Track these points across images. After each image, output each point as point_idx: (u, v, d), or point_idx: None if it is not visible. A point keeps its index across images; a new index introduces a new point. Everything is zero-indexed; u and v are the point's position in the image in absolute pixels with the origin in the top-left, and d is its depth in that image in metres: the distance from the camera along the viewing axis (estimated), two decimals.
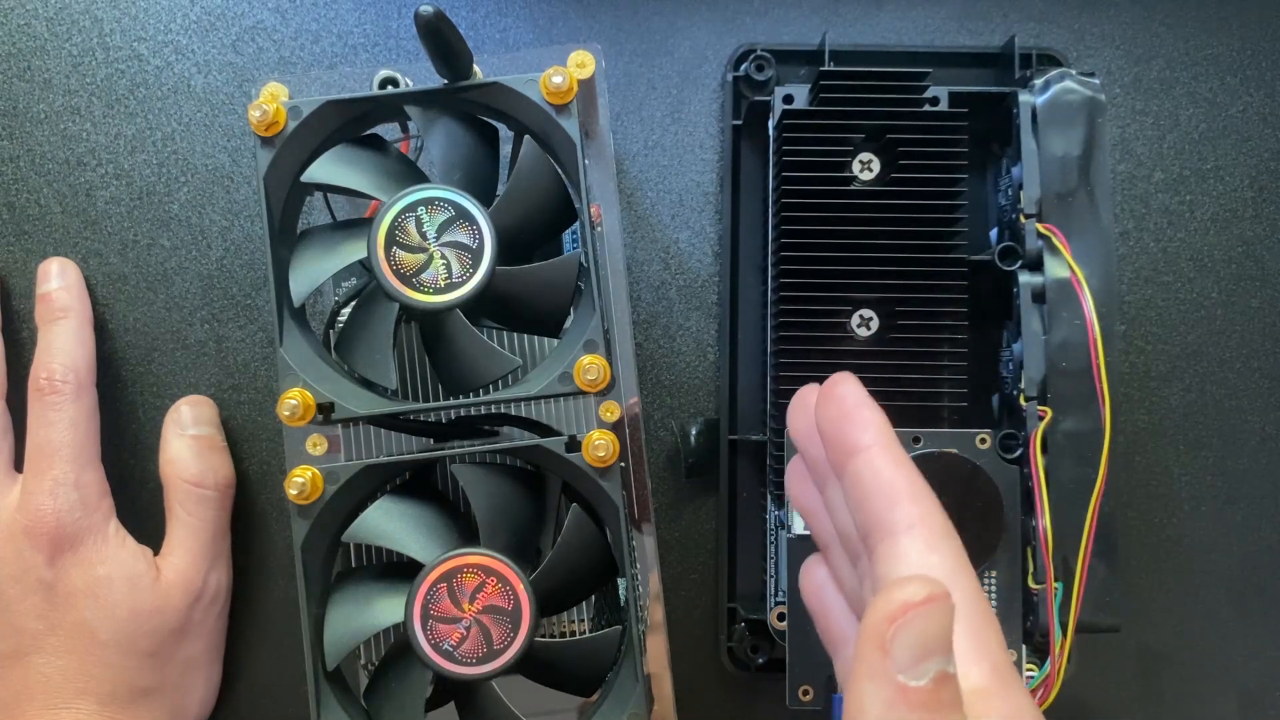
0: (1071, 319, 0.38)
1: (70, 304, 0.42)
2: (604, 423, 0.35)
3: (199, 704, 0.42)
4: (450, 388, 0.36)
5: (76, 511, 0.39)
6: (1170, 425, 0.45)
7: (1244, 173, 0.46)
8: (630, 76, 0.45)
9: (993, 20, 0.46)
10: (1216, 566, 0.45)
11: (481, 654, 0.33)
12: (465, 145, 0.36)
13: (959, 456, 0.38)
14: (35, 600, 0.39)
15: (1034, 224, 0.38)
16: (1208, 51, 0.46)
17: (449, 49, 0.34)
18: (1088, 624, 0.37)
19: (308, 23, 0.45)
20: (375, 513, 0.35)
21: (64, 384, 0.40)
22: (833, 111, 0.39)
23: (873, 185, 0.40)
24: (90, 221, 0.45)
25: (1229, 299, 0.45)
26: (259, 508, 0.44)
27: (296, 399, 0.34)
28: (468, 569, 0.33)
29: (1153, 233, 0.45)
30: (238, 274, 0.45)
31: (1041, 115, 0.39)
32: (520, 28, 0.45)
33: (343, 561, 0.38)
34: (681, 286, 0.45)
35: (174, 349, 0.44)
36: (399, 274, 0.33)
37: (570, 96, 0.34)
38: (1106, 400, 0.37)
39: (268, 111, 0.34)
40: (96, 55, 0.45)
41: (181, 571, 0.40)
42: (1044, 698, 0.37)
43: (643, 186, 0.45)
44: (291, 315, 0.35)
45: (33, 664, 0.38)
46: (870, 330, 0.40)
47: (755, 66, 0.43)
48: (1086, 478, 0.37)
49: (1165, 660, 0.44)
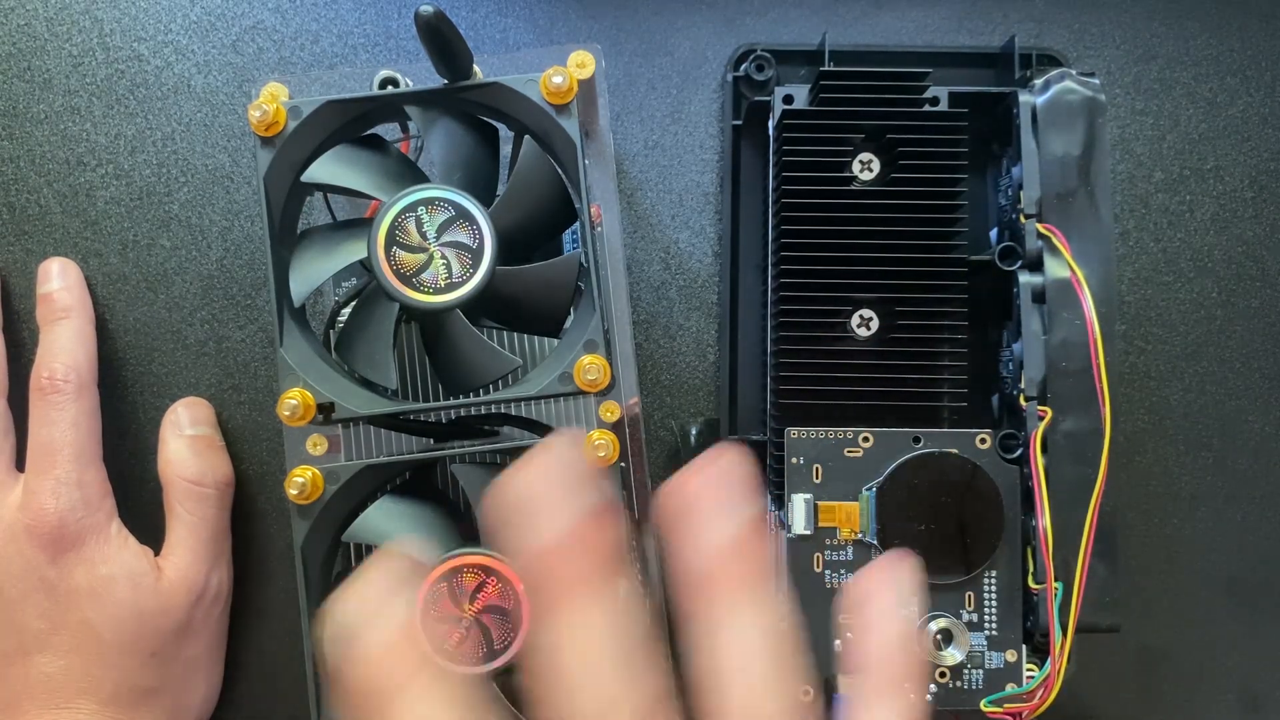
0: (1071, 319, 0.38)
1: (71, 304, 0.42)
2: (604, 423, 0.35)
3: (200, 704, 0.42)
4: (450, 388, 0.36)
5: (79, 511, 0.39)
6: (1170, 425, 0.45)
7: (1244, 173, 0.46)
8: (630, 76, 0.45)
9: (993, 20, 0.46)
10: (1216, 566, 0.45)
11: (481, 654, 0.33)
12: (465, 145, 0.36)
13: (959, 456, 0.38)
14: (37, 600, 0.39)
15: (1034, 224, 0.38)
16: (1208, 51, 0.46)
17: (449, 49, 0.34)
18: (1088, 624, 0.37)
19: (308, 23, 0.45)
20: (375, 513, 0.35)
21: (65, 383, 0.40)
22: (833, 111, 0.39)
23: (873, 185, 0.40)
24: (90, 221, 0.45)
25: (1229, 299, 0.45)
26: (259, 508, 0.44)
27: (296, 399, 0.34)
28: (468, 569, 0.33)
29: (1153, 233, 0.45)
30: (238, 274, 0.45)
31: (1041, 115, 0.39)
32: (520, 28, 0.45)
33: (343, 561, 0.38)
34: (681, 286, 0.45)
35: (174, 349, 0.44)
36: (399, 274, 0.33)
37: (570, 96, 0.34)
38: (1106, 400, 0.37)
39: (268, 111, 0.34)
40: (96, 55, 0.45)
41: (183, 570, 0.40)
42: (1044, 698, 0.37)
43: (643, 186, 0.45)
44: (291, 315, 0.35)
45: (34, 664, 0.38)
46: (870, 330, 0.40)
47: (755, 66, 0.43)
48: (1086, 478, 0.37)
49: (1165, 660, 0.44)
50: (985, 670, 0.38)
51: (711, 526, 0.22)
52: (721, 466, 0.23)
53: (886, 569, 0.25)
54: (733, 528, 0.22)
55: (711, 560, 0.22)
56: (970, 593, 0.38)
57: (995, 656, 0.38)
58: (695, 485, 0.22)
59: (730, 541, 0.22)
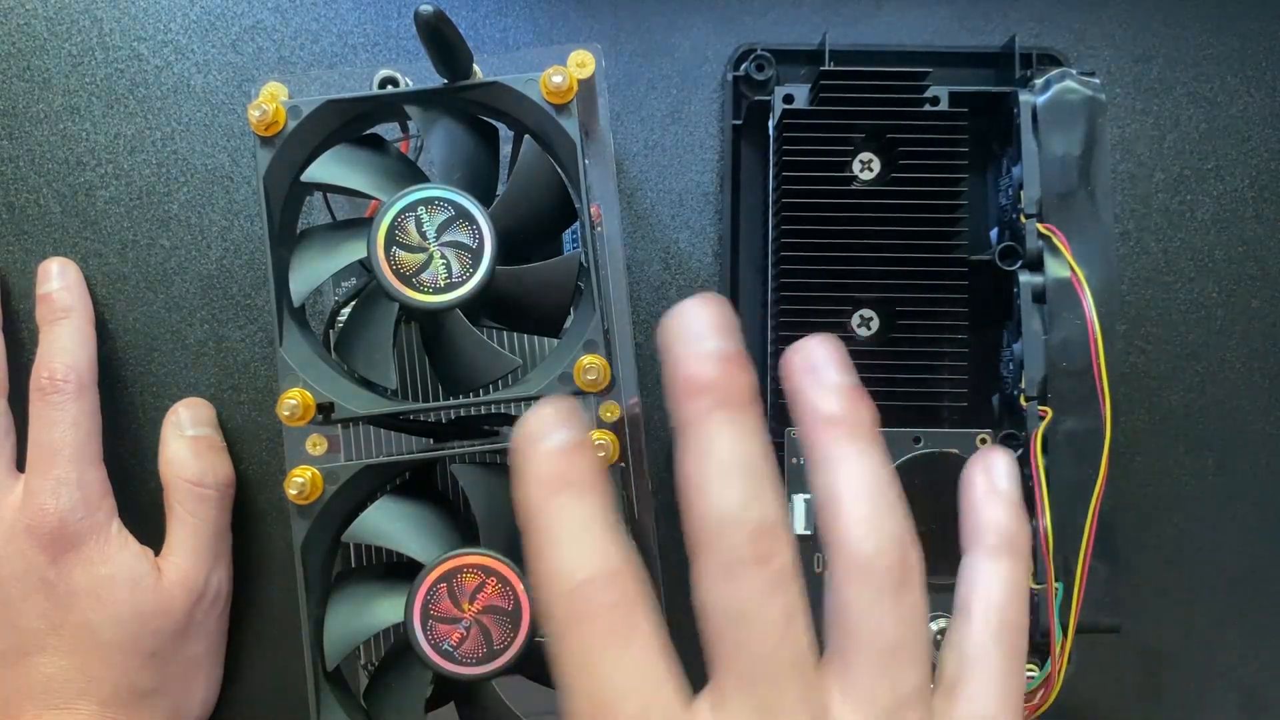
0: (1072, 319, 0.38)
1: (71, 304, 0.42)
2: (604, 423, 0.35)
3: (200, 705, 0.42)
4: (450, 388, 0.36)
5: (79, 511, 0.39)
6: (1170, 425, 0.45)
7: (1244, 173, 0.45)
8: (630, 76, 0.45)
9: (993, 20, 0.45)
10: (1216, 566, 0.45)
11: (481, 654, 0.33)
12: (465, 145, 0.36)
13: (959, 456, 0.38)
14: (37, 600, 0.39)
15: (1034, 224, 0.38)
16: (1208, 51, 0.46)
17: (449, 49, 0.34)
18: (1088, 624, 0.37)
19: (307, 22, 0.45)
20: (375, 513, 0.35)
21: (66, 383, 0.40)
22: (833, 111, 0.39)
23: (873, 185, 0.40)
24: (90, 221, 0.45)
25: (1229, 299, 0.45)
26: (259, 508, 0.44)
27: (296, 399, 0.34)
28: (468, 569, 0.33)
29: (1153, 233, 0.45)
30: (237, 274, 0.45)
31: (1042, 115, 0.39)
32: (520, 28, 0.45)
33: (343, 561, 0.38)
34: (681, 286, 0.45)
35: (174, 349, 0.44)
36: (399, 274, 0.33)
37: (570, 96, 0.34)
38: (1107, 400, 0.37)
39: (267, 111, 0.34)
40: (96, 55, 0.45)
41: (183, 571, 0.40)
42: (1044, 698, 0.37)
43: (643, 186, 0.45)
44: (291, 315, 0.35)
45: (34, 664, 0.38)
46: (870, 330, 0.40)
47: (755, 66, 0.43)
48: (1087, 478, 0.37)
49: (1165, 660, 0.44)
50: None
51: (834, 376, 0.27)
52: (825, 339, 0.28)
53: (981, 459, 0.30)
54: (850, 380, 0.27)
55: (837, 405, 0.26)
56: None
57: None
58: (813, 344, 0.27)
59: (852, 389, 0.27)
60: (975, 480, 0.30)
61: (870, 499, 0.26)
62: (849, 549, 0.26)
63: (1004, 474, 0.30)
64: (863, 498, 0.26)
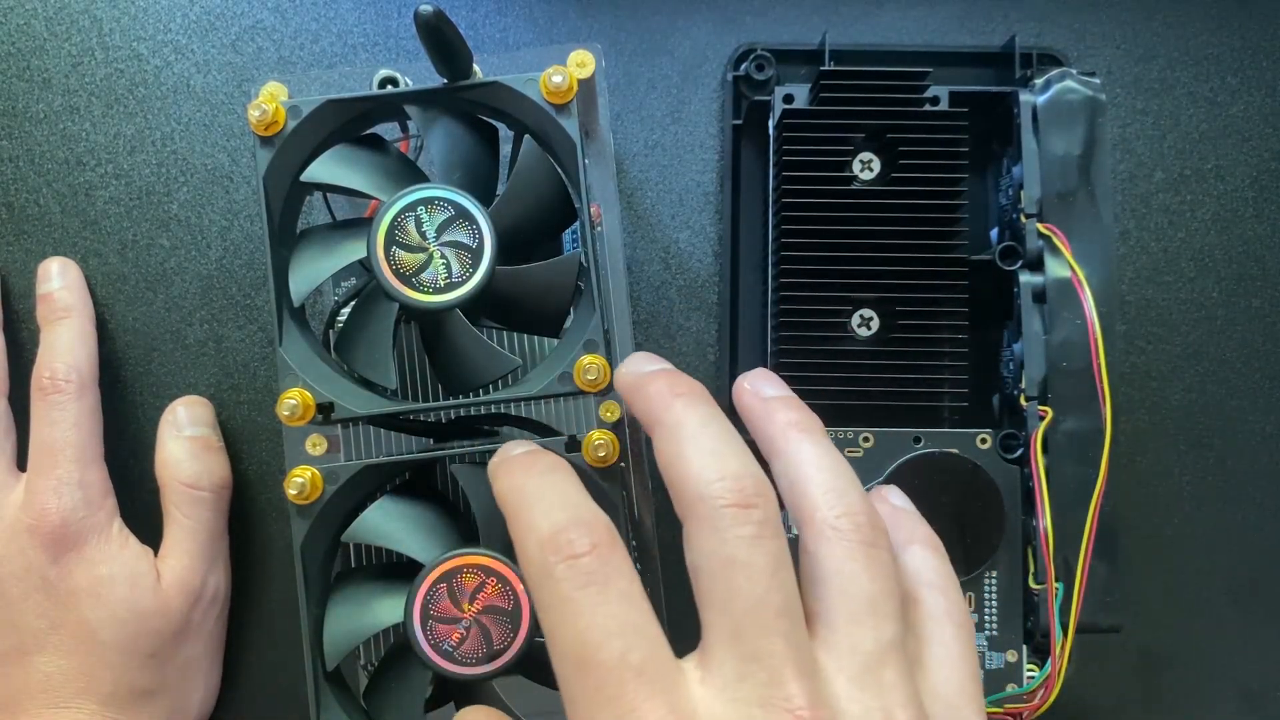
0: (1072, 319, 0.38)
1: (72, 303, 0.42)
2: (604, 423, 0.35)
3: (199, 705, 0.42)
4: (450, 388, 0.36)
5: (80, 510, 0.39)
6: (1171, 425, 0.45)
7: (1245, 172, 0.45)
8: (630, 76, 0.45)
9: (993, 20, 0.45)
10: (1217, 566, 0.45)
11: (481, 654, 0.33)
12: (465, 145, 0.36)
13: (959, 456, 0.38)
14: (38, 599, 0.39)
15: (1034, 224, 0.38)
16: (1208, 51, 0.46)
17: (449, 48, 0.34)
18: (1088, 624, 0.37)
19: (307, 22, 0.45)
20: (375, 513, 0.35)
21: (67, 383, 0.40)
22: (833, 111, 0.39)
23: (873, 185, 0.40)
24: (90, 221, 0.45)
25: (1229, 299, 0.45)
26: (259, 508, 0.44)
27: (296, 399, 0.34)
28: (468, 569, 0.33)
29: (1153, 232, 0.45)
30: (237, 274, 0.45)
31: (1042, 115, 0.39)
32: (520, 27, 0.45)
33: (343, 561, 0.38)
34: (681, 286, 0.45)
35: (173, 349, 0.44)
36: (399, 274, 0.33)
37: (570, 96, 0.34)
38: (1107, 400, 0.37)
39: (267, 111, 0.34)
40: (96, 55, 0.45)
41: (180, 574, 0.40)
42: (1044, 698, 0.37)
43: (643, 186, 0.45)
44: (291, 315, 0.35)
45: (34, 663, 0.38)
46: (870, 330, 0.40)
47: (755, 66, 0.43)
48: (1087, 478, 0.37)
49: (1165, 660, 0.44)
50: (985, 670, 0.38)
51: (784, 390, 0.31)
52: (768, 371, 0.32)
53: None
54: (787, 391, 0.31)
55: (792, 410, 0.30)
56: (971, 593, 0.38)
57: (996, 657, 0.38)
58: (760, 372, 0.32)
59: (792, 398, 0.31)
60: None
61: (833, 471, 0.28)
62: (819, 514, 0.27)
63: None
64: (826, 469, 0.28)
